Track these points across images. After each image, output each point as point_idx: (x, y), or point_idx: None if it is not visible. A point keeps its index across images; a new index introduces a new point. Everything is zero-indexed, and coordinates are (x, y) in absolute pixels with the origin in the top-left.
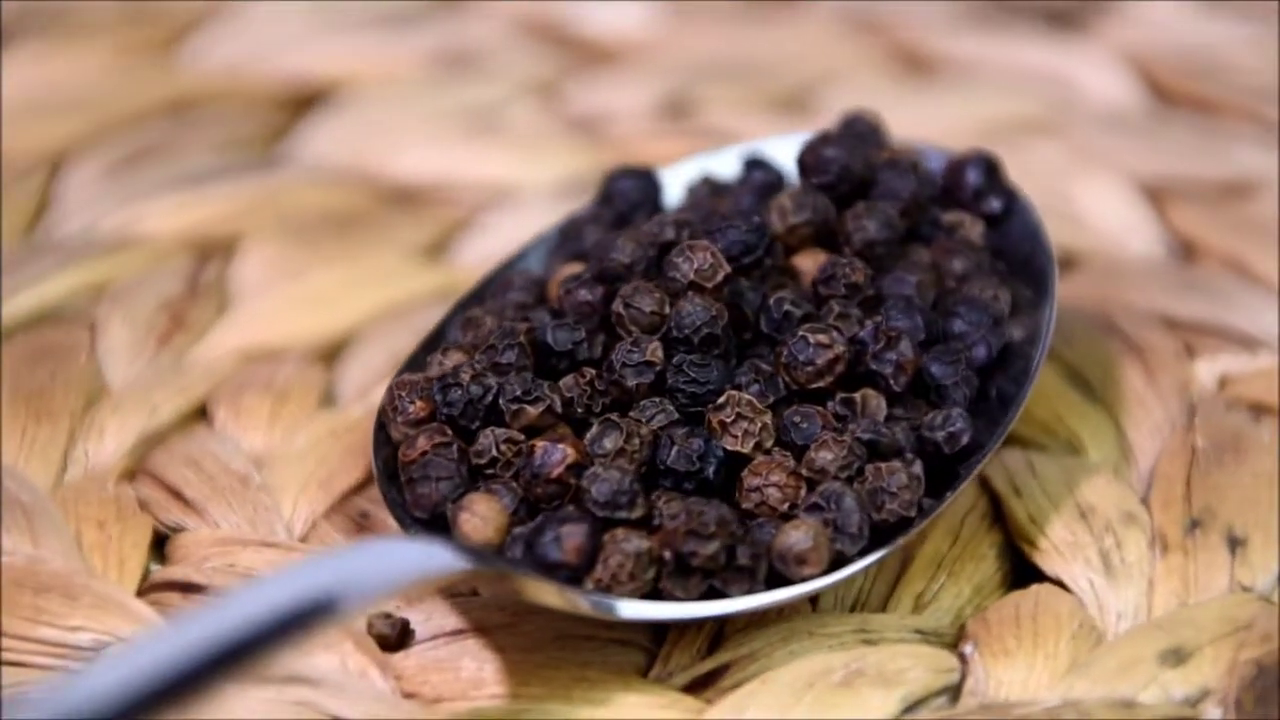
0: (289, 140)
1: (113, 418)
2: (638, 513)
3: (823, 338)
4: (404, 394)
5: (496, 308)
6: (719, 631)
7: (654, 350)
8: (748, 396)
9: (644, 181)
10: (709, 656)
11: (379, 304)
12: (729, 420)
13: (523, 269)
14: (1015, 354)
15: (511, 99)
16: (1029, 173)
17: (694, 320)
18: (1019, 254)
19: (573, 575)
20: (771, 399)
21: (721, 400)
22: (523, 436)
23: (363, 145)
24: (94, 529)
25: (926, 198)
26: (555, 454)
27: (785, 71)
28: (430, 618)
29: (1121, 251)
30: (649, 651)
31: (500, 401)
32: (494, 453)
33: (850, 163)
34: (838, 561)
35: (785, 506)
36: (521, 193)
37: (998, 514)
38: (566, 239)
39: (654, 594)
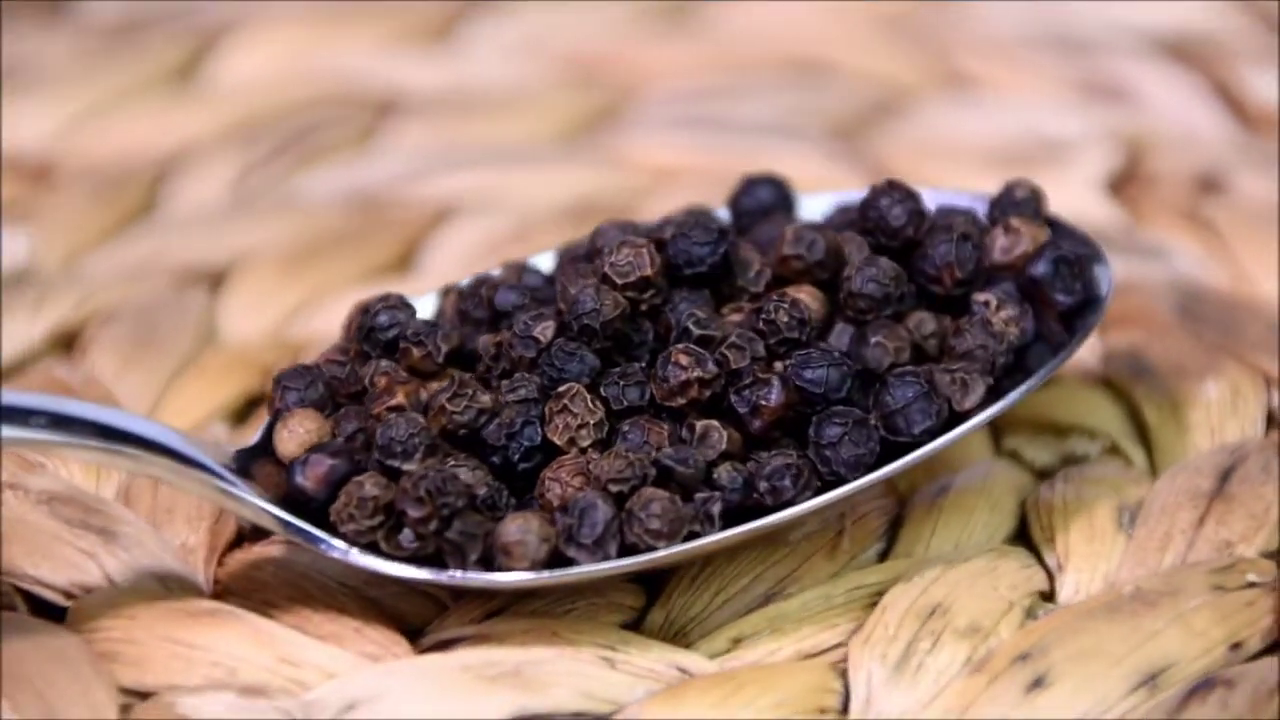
0: (861, 132)
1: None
2: (410, 465)
3: (685, 359)
4: (355, 312)
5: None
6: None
7: (544, 329)
8: (587, 393)
9: (769, 191)
10: (479, 625)
11: None
12: (557, 410)
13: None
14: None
15: (1090, 142)
16: None
17: (578, 309)
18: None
19: (318, 504)
20: (625, 404)
21: (562, 390)
22: (404, 374)
23: (909, 147)
24: (192, 378)
25: (970, 271)
26: (389, 395)
27: None
28: None
29: None
30: (445, 609)
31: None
32: (367, 381)
33: (889, 217)
34: (563, 564)
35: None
36: None
37: None
38: None
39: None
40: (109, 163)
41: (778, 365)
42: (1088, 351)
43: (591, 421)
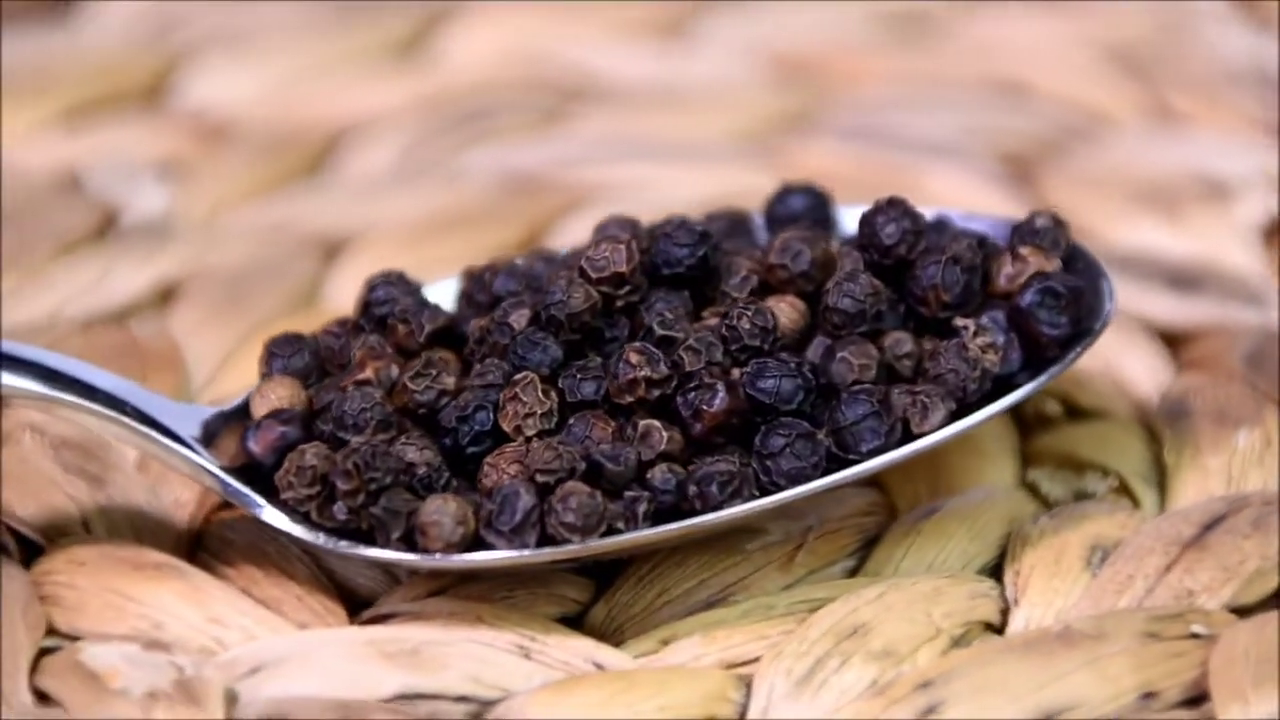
0: (1032, 159)
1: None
2: (359, 439)
3: (636, 358)
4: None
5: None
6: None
7: (519, 317)
8: (541, 384)
9: (803, 201)
10: (419, 603)
11: None
12: (509, 397)
13: None
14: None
15: (1257, 185)
16: None
17: (547, 300)
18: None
19: (268, 470)
20: (579, 397)
21: (517, 378)
22: (387, 350)
23: (1074, 177)
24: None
25: (958, 295)
26: (360, 369)
27: None
28: None
29: None
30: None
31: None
32: (350, 354)
33: (881, 234)
34: (482, 547)
35: None
36: None
37: None
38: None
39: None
40: (291, 127)
41: (735, 372)
42: (1155, 391)
43: (540, 411)
